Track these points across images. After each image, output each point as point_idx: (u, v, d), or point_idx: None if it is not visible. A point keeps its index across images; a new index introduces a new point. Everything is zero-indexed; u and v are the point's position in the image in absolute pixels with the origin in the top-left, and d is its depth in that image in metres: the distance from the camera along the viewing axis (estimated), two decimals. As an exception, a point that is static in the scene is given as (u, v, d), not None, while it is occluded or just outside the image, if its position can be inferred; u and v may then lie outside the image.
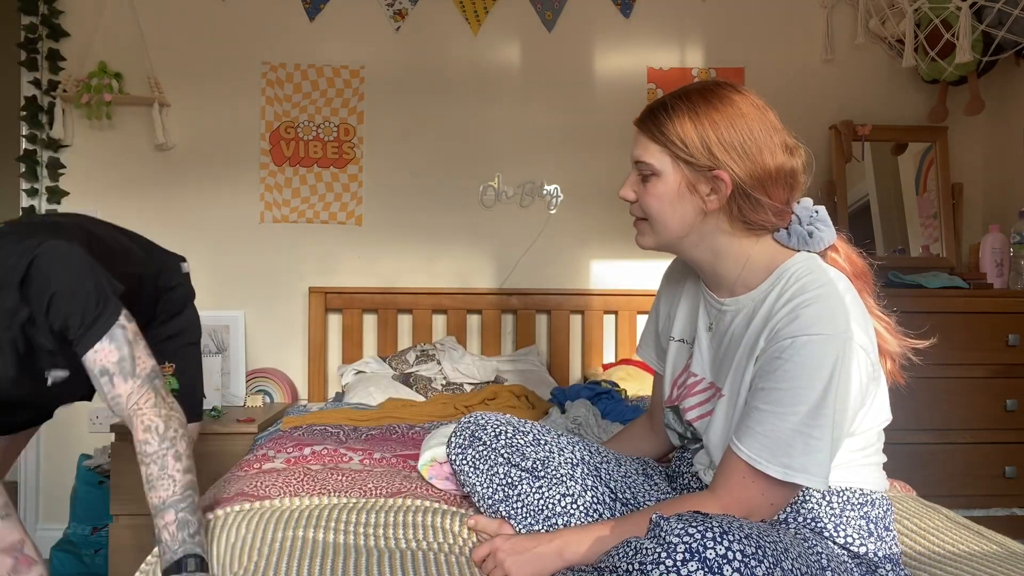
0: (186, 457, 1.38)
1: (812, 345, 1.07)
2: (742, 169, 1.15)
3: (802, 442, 1.07)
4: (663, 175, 1.19)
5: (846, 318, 1.09)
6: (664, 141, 1.18)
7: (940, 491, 2.07)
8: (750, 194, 1.16)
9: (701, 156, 1.16)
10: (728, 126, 1.15)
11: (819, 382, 1.06)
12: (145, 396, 1.39)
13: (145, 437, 1.36)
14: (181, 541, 1.29)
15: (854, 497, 1.18)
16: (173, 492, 1.33)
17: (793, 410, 1.07)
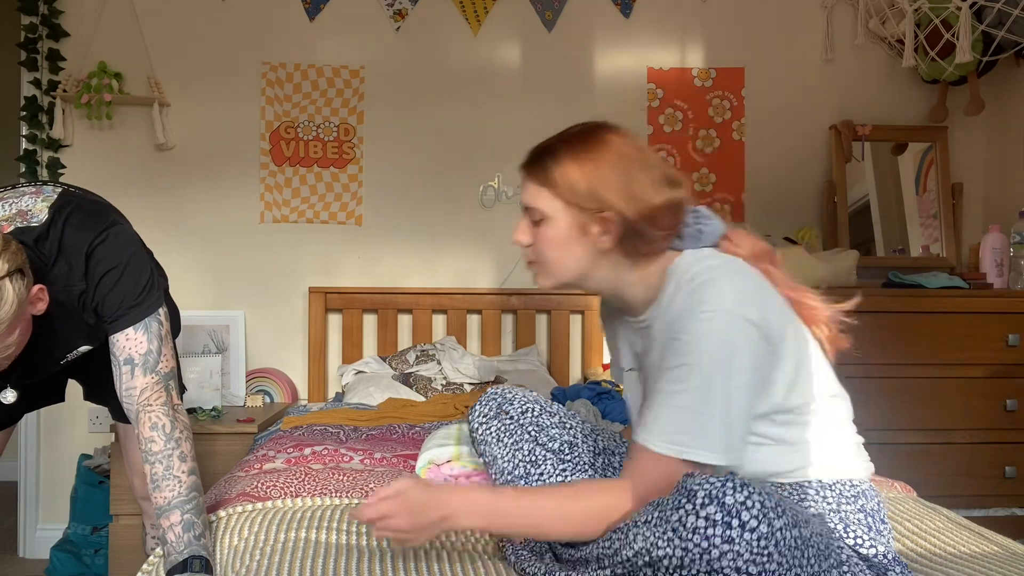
0: (191, 459, 1.39)
1: (698, 323, 1.09)
2: (629, 209, 1.17)
3: (694, 419, 1.07)
4: (553, 220, 1.21)
5: (734, 296, 1.10)
6: (551, 186, 1.21)
7: (940, 491, 2.07)
8: (639, 231, 1.18)
9: (588, 200, 1.18)
10: (611, 168, 1.19)
11: (705, 357, 1.07)
12: (157, 394, 1.40)
13: (151, 435, 1.37)
14: (187, 542, 1.29)
15: (846, 489, 1.18)
16: (178, 493, 1.33)
17: (684, 387, 1.08)
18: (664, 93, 3.12)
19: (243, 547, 1.35)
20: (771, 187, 3.14)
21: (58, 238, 1.39)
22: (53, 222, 1.39)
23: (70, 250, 1.40)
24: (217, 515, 1.48)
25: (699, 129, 3.13)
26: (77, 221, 1.41)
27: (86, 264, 1.40)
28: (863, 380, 2.60)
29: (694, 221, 1.23)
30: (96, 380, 1.80)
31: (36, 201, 1.42)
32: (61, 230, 1.39)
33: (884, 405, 2.60)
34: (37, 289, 1.33)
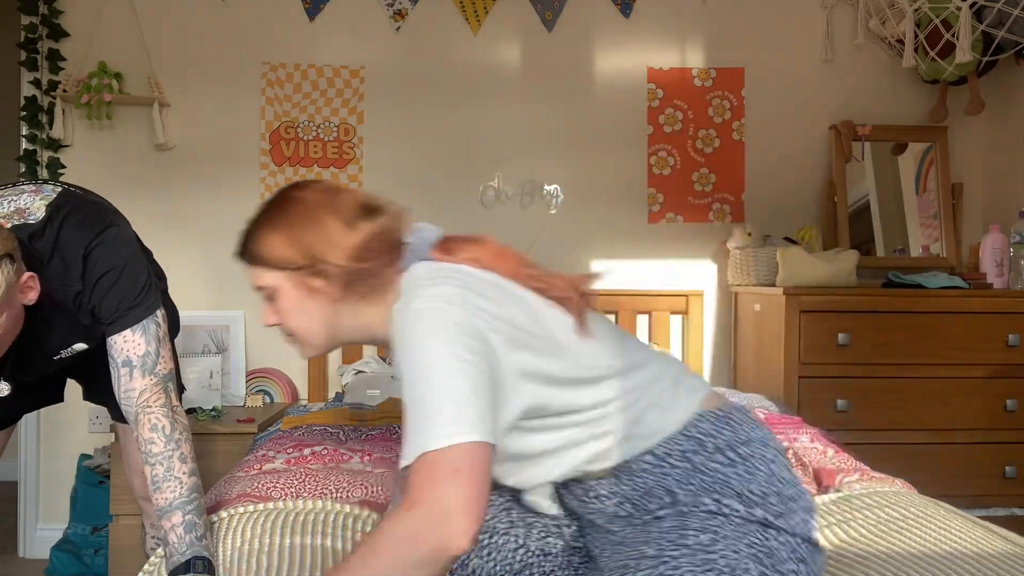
0: (191, 460, 1.39)
1: (402, 338, 1.09)
2: (335, 255, 1.20)
3: (424, 413, 1.03)
4: (281, 291, 1.23)
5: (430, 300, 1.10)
6: (264, 262, 1.22)
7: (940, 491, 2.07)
8: (355, 270, 1.20)
9: (298, 261, 1.20)
10: (304, 224, 1.21)
11: (408, 356, 1.07)
12: (156, 395, 1.40)
13: (151, 436, 1.37)
14: (188, 543, 1.29)
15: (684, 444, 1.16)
16: (179, 494, 1.33)
17: (409, 395, 1.06)
18: (664, 93, 3.12)
19: (247, 549, 1.35)
20: (771, 187, 3.14)
21: (54, 237, 1.39)
22: (50, 220, 1.39)
23: (67, 250, 1.40)
24: (219, 515, 1.48)
25: (699, 129, 3.13)
26: (75, 221, 1.41)
27: (83, 265, 1.40)
28: (863, 380, 2.60)
29: (413, 237, 1.26)
30: (95, 380, 1.80)
31: (35, 199, 1.42)
32: (58, 229, 1.39)
33: (884, 405, 2.60)
34: (27, 277, 1.33)
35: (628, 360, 1.21)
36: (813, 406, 2.57)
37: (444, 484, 1.00)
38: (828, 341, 2.59)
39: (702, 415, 1.19)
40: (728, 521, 1.10)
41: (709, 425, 1.18)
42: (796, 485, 1.17)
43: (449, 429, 1.01)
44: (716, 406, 1.21)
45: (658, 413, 1.19)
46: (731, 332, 3.10)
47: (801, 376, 2.59)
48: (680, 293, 3.07)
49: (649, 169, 3.12)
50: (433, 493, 1.00)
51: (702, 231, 3.13)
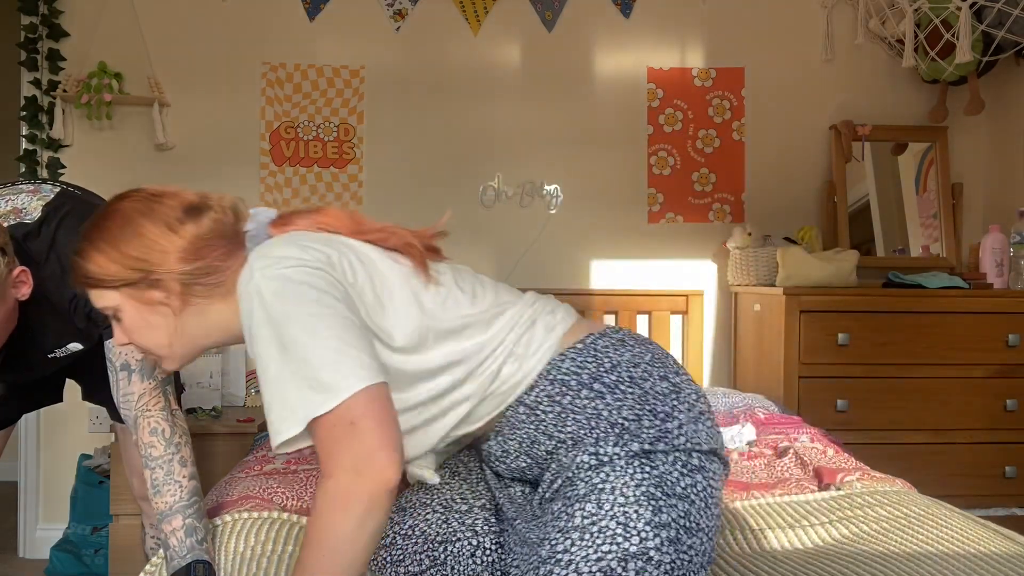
0: (191, 463, 1.38)
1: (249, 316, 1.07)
2: (165, 262, 1.17)
3: (304, 383, 1.02)
4: (121, 308, 1.20)
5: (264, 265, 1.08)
6: (97, 283, 1.19)
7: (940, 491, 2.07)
8: (192, 272, 1.17)
9: (130, 275, 1.17)
10: (127, 237, 1.17)
11: (261, 333, 1.05)
12: (156, 399, 1.40)
13: (151, 440, 1.37)
14: (189, 547, 1.29)
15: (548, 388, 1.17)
16: (180, 498, 1.33)
17: (266, 366, 1.05)
18: (664, 93, 3.12)
19: (249, 554, 1.34)
20: (771, 187, 3.14)
21: (50, 237, 1.39)
22: (46, 220, 1.39)
23: (63, 253, 1.39)
24: (221, 519, 1.47)
25: (699, 129, 3.13)
26: (71, 224, 1.40)
27: None
28: (863, 380, 2.60)
29: (252, 223, 1.23)
30: (94, 380, 1.79)
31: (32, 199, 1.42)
32: (54, 230, 1.39)
33: (884, 405, 2.60)
34: (19, 271, 1.33)
35: (480, 312, 1.21)
36: (813, 406, 2.57)
37: (346, 441, 1.01)
38: (828, 341, 2.59)
39: (563, 354, 1.19)
40: (612, 468, 1.10)
41: (570, 363, 1.18)
42: (674, 396, 1.16)
43: (332, 389, 1.01)
44: (579, 338, 1.21)
45: (515, 364, 1.19)
46: (731, 332, 3.10)
47: (801, 376, 2.59)
48: (680, 293, 3.07)
49: (649, 169, 3.12)
50: (340, 453, 1.01)
51: (702, 231, 3.13)
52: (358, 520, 1.00)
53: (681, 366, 1.25)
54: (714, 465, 1.15)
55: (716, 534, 1.13)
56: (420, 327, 1.16)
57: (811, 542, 1.47)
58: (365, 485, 1.00)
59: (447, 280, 1.24)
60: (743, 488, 1.76)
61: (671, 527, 1.06)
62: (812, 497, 1.68)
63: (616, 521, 1.05)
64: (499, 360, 1.18)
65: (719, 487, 1.16)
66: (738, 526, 1.53)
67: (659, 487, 1.08)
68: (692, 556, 1.07)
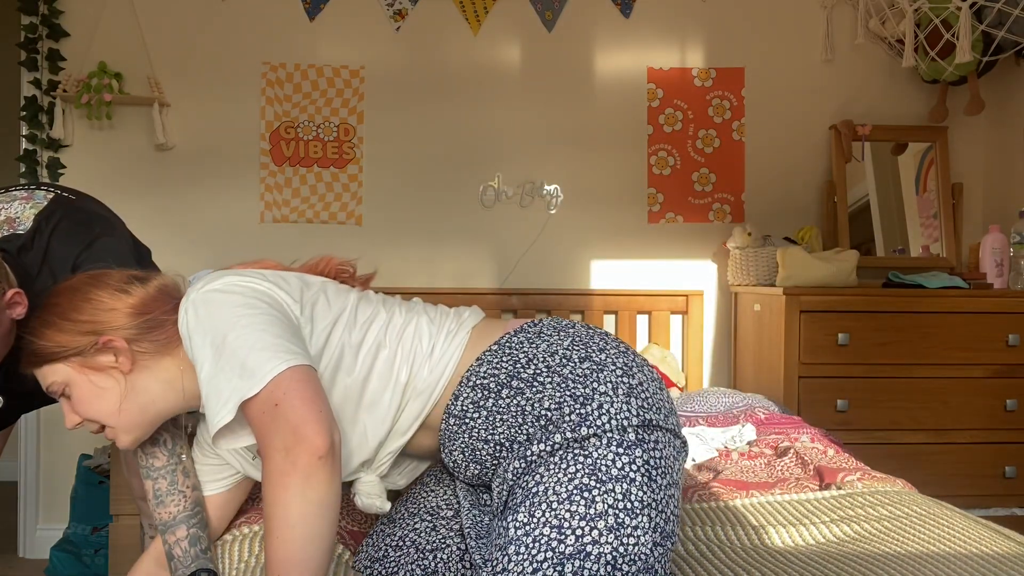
0: (193, 473, 1.38)
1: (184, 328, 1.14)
2: (117, 319, 1.21)
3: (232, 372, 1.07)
4: (71, 382, 1.21)
5: (198, 288, 1.16)
6: (46, 359, 1.21)
7: (940, 491, 2.07)
8: (142, 324, 1.21)
9: (79, 341, 1.19)
10: (72, 307, 1.21)
11: (200, 340, 1.11)
12: None
13: (153, 450, 1.36)
14: (193, 557, 1.29)
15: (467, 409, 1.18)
16: (183, 508, 1.32)
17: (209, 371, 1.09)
18: (664, 93, 3.12)
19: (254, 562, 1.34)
20: (771, 187, 3.14)
21: (43, 248, 1.37)
22: (38, 231, 1.37)
23: (55, 263, 1.38)
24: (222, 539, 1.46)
25: (699, 129, 3.13)
26: (62, 233, 1.39)
27: None
28: (863, 380, 2.60)
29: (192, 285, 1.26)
30: None
31: (25, 207, 1.40)
32: (47, 241, 1.37)
33: (884, 405, 2.60)
34: (13, 293, 1.31)
35: (385, 320, 1.25)
36: (813, 406, 2.57)
37: (273, 423, 1.04)
38: (828, 341, 2.59)
39: (480, 359, 1.20)
40: (545, 469, 1.09)
41: (487, 366, 1.19)
42: (595, 375, 1.15)
43: (256, 374, 1.05)
44: (494, 339, 1.23)
45: (427, 369, 1.21)
46: (731, 332, 3.10)
47: (801, 376, 2.59)
48: (680, 293, 3.07)
49: (649, 169, 3.12)
50: (270, 435, 1.04)
51: (702, 231, 3.13)
52: (299, 494, 1.01)
53: (613, 341, 1.22)
54: (655, 436, 1.11)
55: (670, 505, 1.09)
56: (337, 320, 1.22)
57: (812, 540, 1.47)
58: (296, 459, 1.02)
59: (363, 298, 1.32)
60: (743, 487, 1.76)
61: (608, 515, 1.04)
62: (813, 496, 1.68)
63: (549, 526, 1.04)
64: (409, 366, 1.21)
65: (667, 456, 1.12)
66: (738, 523, 1.53)
67: (593, 475, 1.06)
68: (639, 536, 1.04)
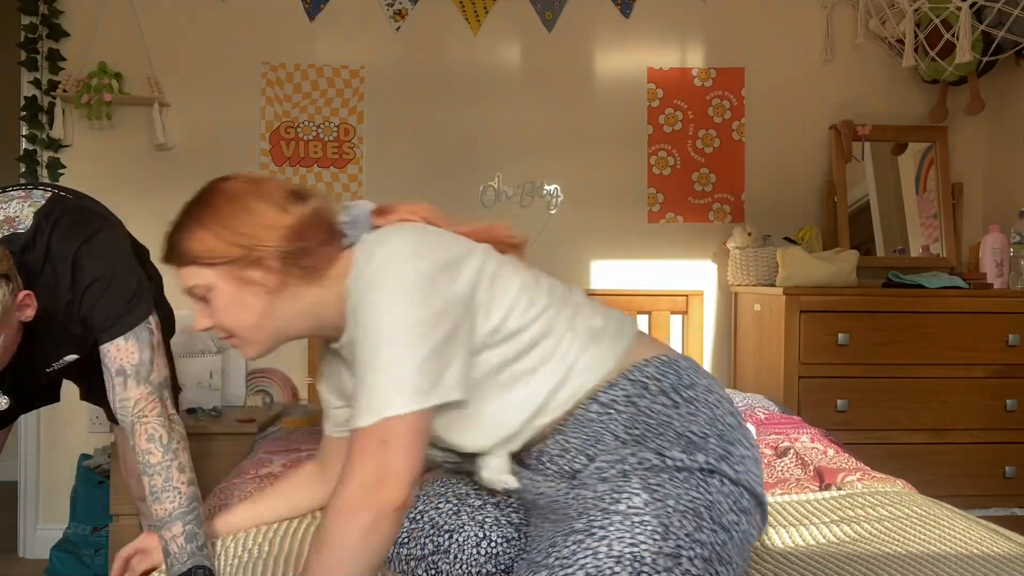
0: (189, 469, 1.38)
1: (368, 302, 1.10)
2: (270, 239, 1.17)
3: (377, 383, 1.06)
4: (215, 288, 1.19)
5: (390, 256, 1.12)
6: (194, 260, 1.19)
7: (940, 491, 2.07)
8: (294, 251, 1.18)
9: (230, 253, 1.17)
10: (231, 215, 1.19)
11: (371, 327, 1.08)
12: (152, 404, 1.39)
13: (148, 447, 1.36)
14: (189, 553, 1.29)
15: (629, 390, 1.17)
16: (179, 504, 1.32)
17: (361, 362, 1.08)
18: (664, 93, 3.12)
19: (246, 557, 1.34)
20: (771, 187, 3.14)
21: (44, 246, 1.37)
22: (39, 230, 1.37)
23: (56, 259, 1.38)
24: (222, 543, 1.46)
25: (699, 129, 3.13)
26: (62, 229, 1.39)
27: (72, 274, 1.38)
28: (863, 380, 2.60)
29: (346, 215, 1.24)
30: (92, 381, 1.79)
31: (23, 207, 1.40)
32: (47, 238, 1.37)
33: (884, 405, 2.60)
34: (23, 295, 1.31)
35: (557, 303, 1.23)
36: (813, 406, 2.57)
37: (373, 455, 1.04)
38: (828, 341, 2.59)
39: (647, 361, 1.20)
40: (670, 476, 1.09)
41: (654, 369, 1.19)
42: (740, 430, 1.17)
43: (397, 400, 1.05)
44: (662, 352, 1.22)
45: (596, 351, 1.19)
46: (731, 332, 3.10)
47: (801, 376, 2.59)
48: (680, 293, 3.07)
49: (649, 169, 3.12)
50: (362, 464, 1.05)
51: (702, 231, 3.13)
52: (362, 532, 1.03)
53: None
54: (757, 516, 1.15)
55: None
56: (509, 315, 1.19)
57: (812, 541, 1.47)
58: (374, 500, 1.03)
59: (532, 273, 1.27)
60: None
61: (708, 547, 1.05)
62: (813, 496, 1.68)
63: (660, 521, 1.05)
64: (576, 348, 1.19)
65: (755, 537, 1.16)
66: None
67: (708, 510, 1.07)
68: None
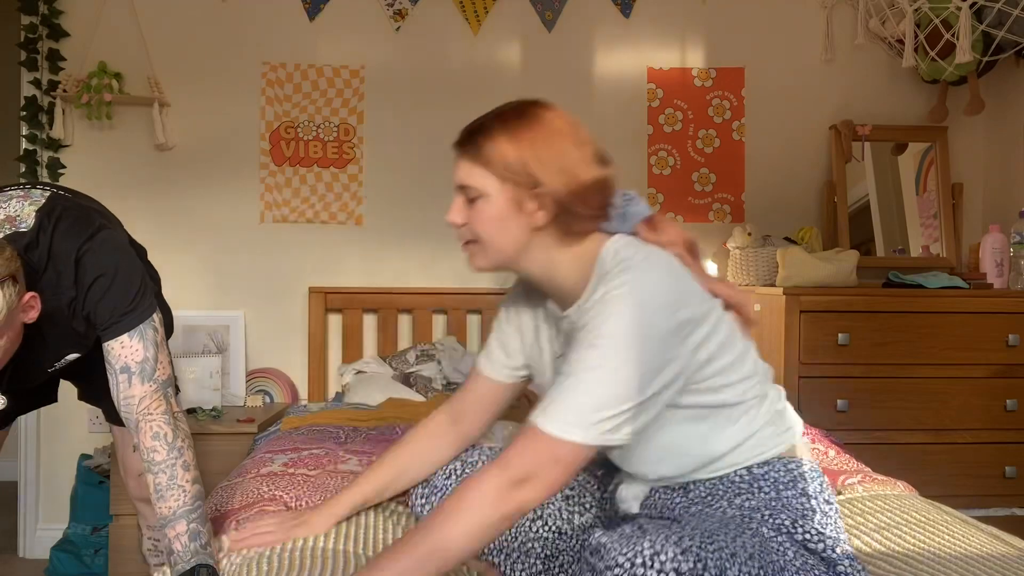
0: (193, 467, 1.38)
1: (603, 310, 1.10)
2: (561, 185, 1.17)
3: (583, 401, 1.07)
4: (489, 196, 1.20)
5: (643, 282, 1.11)
6: (485, 163, 1.20)
7: (940, 491, 2.07)
8: (571, 207, 1.18)
9: (522, 175, 1.17)
10: (545, 144, 1.18)
11: (607, 341, 1.08)
12: (157, 402, 1.39)
13: (153, 445, 1.36)
14: (193, 551, 1.29)
15: (781, 476, 1.19)
16: (183, 503, 1.33)
17: (577, 368, 1.08)
18: (664, 93, 3.12)
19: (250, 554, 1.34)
20: (771, 187, 3.14)
21: (47, 244, 1.36)
22: (42, 228, 1.37)
23: (59, 257, 1.37)
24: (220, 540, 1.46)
25: (699, 129, 3.13)
26: (64, 227, 1.38)
27: (75, 271, 1.38)
28: (863, 380, 2.60)
29: (623, 203, 1.24)
30: (91, 381, 1.79)
31: (24, 205, 1.40)
32: (50, 236, 1.37)
33: (884, 405, 2.60)
34: (29, 296, 1.31)
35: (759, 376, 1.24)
36: (813, 406, 2.57)
37: (542, 463, 1.07)
38: (828, 341, 2.59)
39: (805, 460, 1.22)
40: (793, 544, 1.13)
41: (808, 468, 1.21)
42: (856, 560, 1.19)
43: (592, 431, 1.06)
44: (815, 461, 1.25)
45: (771, 432, 1.22)
46: (731, 332, 3.10)
47: (801, 376, 2.59)
48: (680, 293, 3.07)
49: (649, 169, 3.12)
50: (526, 463, 1.07)
51: (702, 231, 3.13)
52: (489, 518, 1.06)
53: None
54: None
55: None
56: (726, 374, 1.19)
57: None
58: (512, 499, 1.06)
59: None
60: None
61: None
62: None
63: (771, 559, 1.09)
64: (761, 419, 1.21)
65: None
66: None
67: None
68: None
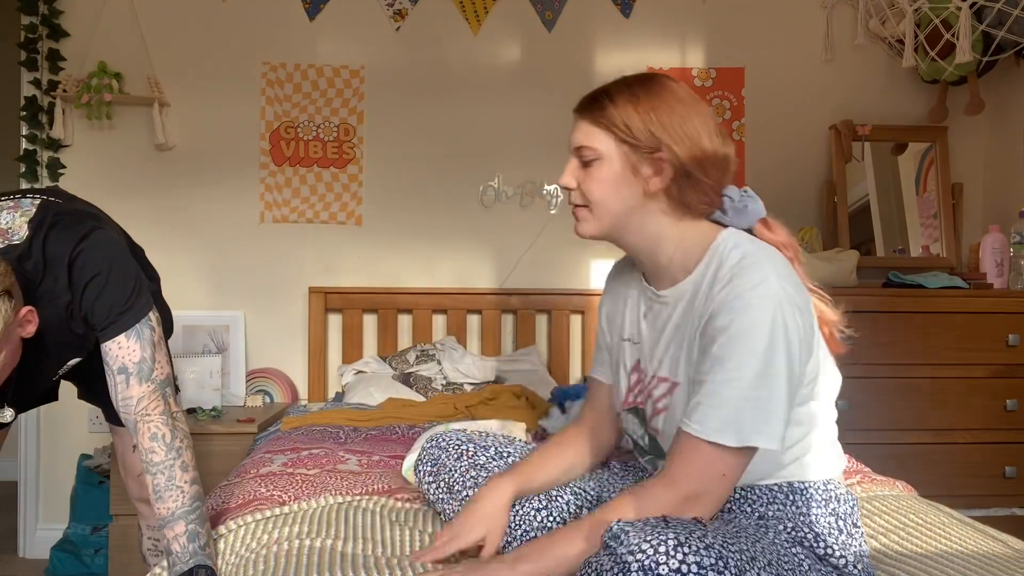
0: (192, 468, 1.37)
1: (749, 309, 1.07)
2: (682, 150, 1.16)
3: (751, 406, 1.06)
4: (607, 159, 1.20)
5: (779, 280, 1.10)
6: (607, 125, 1.19)
7: (940, 491, 2.07)
8: (690, 174, 1.17)
9: (643, 138, 1.17)
10: (668, 110, 1.18)
11: (759, 343, 1.06)
12: (155, 403, 1.38)
13: (151, 445, 1.36)
14: (192, 552, 1.29)
15: (818, 493, 1.19)
16: (182, 504, 1.32)
17: (738, 375, 1.06)
18: (664, 93, 3.11)
19: (246, 554, 1.34)
20: (771, 187, 3.14)
21: (41, 252, 1.36)
22: (34, 237, 1.36)
23: (53, 263, 1.37)
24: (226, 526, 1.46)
25: (699, 129, 3.12)
26: (56, 233, 1.38)
27: (69, 274, 1.38)
28: (863, 380, 2.60)
29: (740, 197, 1.23)
30: (90, 381, 1.79)
31: (15, 217, 1.38)
32: (43, 244, 1.36)
33: (884, 405, 2.60)
34: (26, 311, 1.30)
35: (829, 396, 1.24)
36: (813, 406, 2.56)
37: (710, 478, 1.07)
38: (828, 341, 2.59)
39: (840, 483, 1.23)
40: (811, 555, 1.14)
41: (844, 491, 1.21)
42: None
43: (772, 432, 1.06)
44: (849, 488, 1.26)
45: (835, 455, 1.23)
46: (731, 332, 3.10)
47: (801, 376, 2.59)
48: (680, 293, 3.07)
49: (649, 169, 3.12)
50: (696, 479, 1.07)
51: (702, 231, 3.12)
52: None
53: None
54: None
55: None
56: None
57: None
58: (685, 512, 1.06)
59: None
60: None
61: None
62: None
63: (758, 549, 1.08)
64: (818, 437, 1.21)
65: None
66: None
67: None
68: None
